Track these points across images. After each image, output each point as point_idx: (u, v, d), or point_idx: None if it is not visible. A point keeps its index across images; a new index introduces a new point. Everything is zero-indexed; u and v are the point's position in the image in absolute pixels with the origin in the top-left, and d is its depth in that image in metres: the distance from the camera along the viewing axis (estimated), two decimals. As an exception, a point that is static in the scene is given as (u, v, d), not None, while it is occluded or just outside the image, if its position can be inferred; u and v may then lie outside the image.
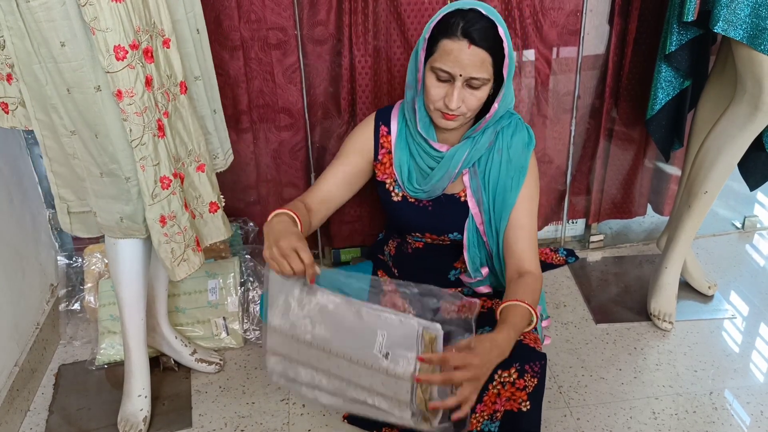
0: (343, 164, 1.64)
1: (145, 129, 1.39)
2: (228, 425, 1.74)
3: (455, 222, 1.65)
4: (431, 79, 1.46)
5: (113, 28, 1.29)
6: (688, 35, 1.79)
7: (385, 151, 1.64)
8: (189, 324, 1.98)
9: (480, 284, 1.72)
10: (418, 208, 1.65)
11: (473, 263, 1.68)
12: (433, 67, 1.44)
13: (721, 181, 1.85)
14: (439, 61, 1.43)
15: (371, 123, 1.65)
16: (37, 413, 1.79)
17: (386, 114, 1.65)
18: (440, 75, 1.44)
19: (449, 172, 1.58)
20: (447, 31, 1.42)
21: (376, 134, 1.64)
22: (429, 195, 1.63)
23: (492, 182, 1.59)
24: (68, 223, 1.61)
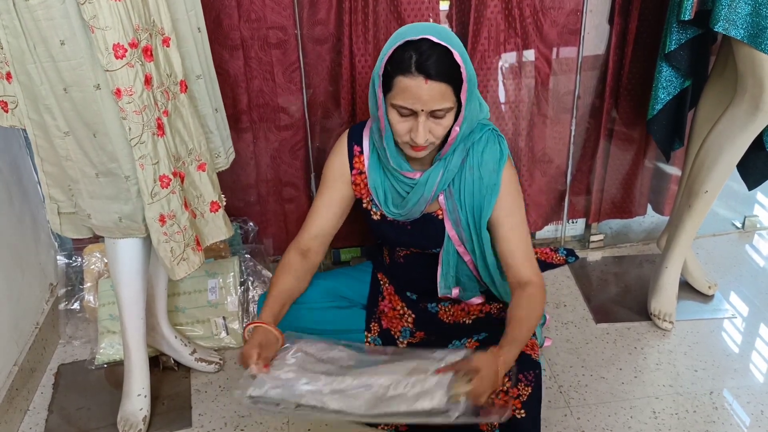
0: (328, 195, 1.64)
1: (145, 128, 1.38)
2: (228, 425, 1.73)
3: (436, 239, 1.63)
4: (394, 115, 1.42)
5: (112, 26, 1.29)
6: (687, 34, 1.79)
7: (357, 172, 1.61)
8: (189, 323, 1.98)
9: (470, 296, 1.72)
10: (398, 226, 1.63)
11: (445, 281, 1.68)
12: (394, 104, 1.40)
13: (722, 181, 1.84)
14: (399, 99, 1.38)
15: (344, 145, 1.62)
16: (37, 413, 1.79)
17: (358, 133, 1.61)
18: (402, 111, 1.40)
19: (424, 196, 1.55)
20: (401, 68, 1.35)
21: (350, 156, 1.61)
22: (407, 217, 1.61)
23: (467, 201, 1.55)
24: (58, 224, 1.61)
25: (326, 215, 1.63)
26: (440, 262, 1.65)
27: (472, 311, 1.74)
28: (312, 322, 1.67)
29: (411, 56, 1.35)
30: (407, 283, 1.77)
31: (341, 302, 1.73)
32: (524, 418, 1.44)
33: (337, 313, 1.71)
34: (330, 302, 1.71)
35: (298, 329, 1.66)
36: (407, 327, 1.74)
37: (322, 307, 1.69)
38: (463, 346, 1.58)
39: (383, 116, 1.44)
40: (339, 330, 1.69)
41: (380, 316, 1.73)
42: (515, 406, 1.44)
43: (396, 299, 1.77)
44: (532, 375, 1.46)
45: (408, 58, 1.35)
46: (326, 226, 1.64)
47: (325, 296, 1.71)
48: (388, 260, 1.79)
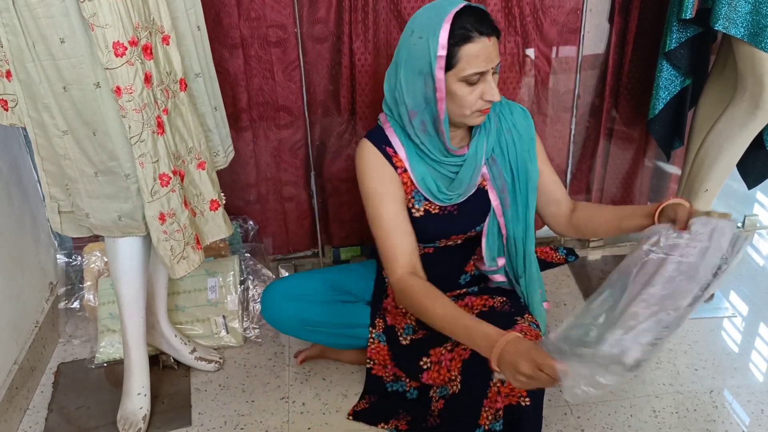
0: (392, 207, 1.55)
1: (144, 126, 1.38)
2: (228, 423, 1.73)
3: (481, 215, 1.65)
4: (462, 88, 1.42)
5: (112, 24, 1.29)
6: (687, 33, 1.79)
7: (402, 170, 1.57)
8: (188, 322, 1.98)
9: (495, 273, 1.72)
10: (442, 216, 1.61)
11: (490, 252, 1.68)
12: (465, 77, 1.40)
13: (722, 180, 1.84)
14: (469, 68, 1.39)
15: (375, 151, 1.56)
16: (37, 411, 1.79)
17: (380, 136, 1.57)
18: (472, 79, 1.41)
19: (477, 166, 1.57)
20: (464, 38, 1.38)
21: (388, 159, 1.56)
22: (463, 196, 1.61)
23: (512, 160, 1.60)
24: (58, 223, 1.61)
25: (405, 227, 1.56)
26: (485, 234, 1.65)
27: (476, 306, 1.74)
28: (317, 314, 1.68)
29: (467, 24, 1.38)
30: None
31: (346, 296, 1.74)
32: (529, 406, 1.45)
33: (342, 307, 1.72)
34: (335, 296, 1.72)
35: (303, 321, 1.68)
36: (410, 324, 1.74)
37: (327, 300, 1.70)
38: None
39: (443, 99, 1.43)
40: (343, 323, 1.70)
41: (384, 313, 1.73)
42: (521, 394, 1.45)
43: None
44: None
45: (466, 26, 1.38)
46: (411, 238, 1.56)
47: (330, 289, 1.72)
48: None
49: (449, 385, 1.59)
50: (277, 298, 1.71)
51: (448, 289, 1.75)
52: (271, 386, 1.85)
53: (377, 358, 1.73)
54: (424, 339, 1.69)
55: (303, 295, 1.69)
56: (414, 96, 1.46)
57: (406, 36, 1.46)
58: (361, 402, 1.75)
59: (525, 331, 1.57)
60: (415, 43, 1.42)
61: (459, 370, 1.55)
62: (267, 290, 1.73)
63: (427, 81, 1.43)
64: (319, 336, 1.75)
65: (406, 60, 1.44)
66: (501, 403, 1.47)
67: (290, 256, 2.34)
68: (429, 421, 1.64)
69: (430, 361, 1.63)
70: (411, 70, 1.44)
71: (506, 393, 1.46)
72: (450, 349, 1.60)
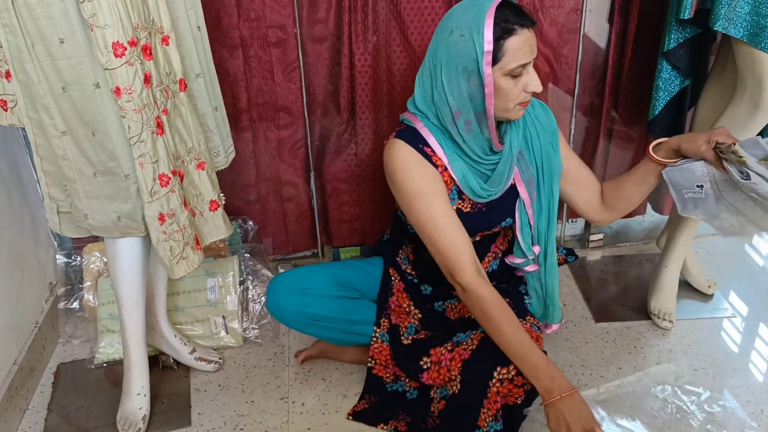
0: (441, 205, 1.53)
1: (144, 126, 1.38)
2: (227, 424, 1.73)
3: (507, 210, 1.66)
4: (506, 82, 1.42)
5: (112, 24, 1.29)
6: (686, 33, 1.79)
7: (442, 169, 1.56)
8: (188, 323, 1.98)
9: (527, 264, 1.73)
10: (472, 214, 1.61)
11: (527, 242, 1.69)
12: (510, 70, 1.41)
13: (722, 180, 1.84)
14: (513, 61, 1.40)
15: (412, 151, 1.53)
16: (36, 412, 1.79)
17: (413, 135, 1.55)
18: (516, 72, 1.42)
19: (513, 161, 1.59)
20: (507, 31, 1.38)
21: (427, 158, 1.55)
22: (501, 191, 1.62)
23: (537, 154, 1.62)
24: (57, 223, 1.60)
25: (459, 223, 1.55)
26: (518, 227, 1.66)
27: None
28: (322, 309, 1.68)
29: (509, 17, 1.39)
30: (431, 277, 1.77)
31: (352, 293, 1.74)
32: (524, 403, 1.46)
33: (348, 303, 1.72)
34: (341, 291, 1.72)
35: (309, 316, 1.68)
36: (413, 324, 1.74)
37: (333, 295, 1.70)
38: (469, 338, 1.59)
39: (491, 94, 1.43)
40: (348, 320, 1.70)
41: (389, 313, 1.73)
42: (518, 395, 1.45)
43: (404, 296, 1.77)
44: None
45: (508, 19, 1.39)
46: (466, 233, 1.55)
47: (336, 285, 1.72)
48: (413, 256, 1.78)
49: (449, 386, 1.59)
50: (282, 291, 1.70)
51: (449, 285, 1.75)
52: (271, 386, 1.85)
53: (379, 358, 1.73)
54: (425, 339, 1.69)
55: (308, 289, 1.69)
56: (459, 95, 1.45)
57: (443, 36, 1.44)
58: (361, 402, 1.75)
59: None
60: (457, 42, 1.41)
61: (459, 370, 1.56)
62: (272, 283, 1.73)
63: (472, 78, 1.42)
64: (322, 331, 1.74)
65: (448, 59, 1.43)
66: (500, 403, 1.48)
67: (290, 256, 2.34)
68: (429, 422, 1.64)
69: (430, 361, 1.63)
70: (454, 69, 1.43)
71: (504, 393, 1.47)
72: (450, 349, 1.60)
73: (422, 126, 1.55)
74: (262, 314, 2.06)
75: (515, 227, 1.67)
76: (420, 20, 1.94)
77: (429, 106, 1.52)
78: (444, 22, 1.46)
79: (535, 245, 1.71)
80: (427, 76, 1.50)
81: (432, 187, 1.53)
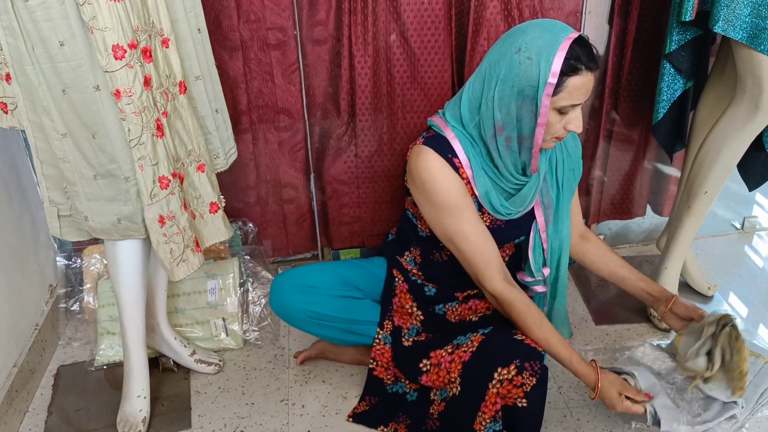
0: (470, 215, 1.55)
1: (144, 129, 1.39)
2: (227, 426, 1.73)
3: (524, 228, 1.68)
4: (554, 116, 1.43)
5: (112, 27, 1.29)
6: (687, 35, 1.79)
7: (466, 182, 1.56)
8: (188, 325, 1.98)
9: (536, 284, 1.74)
10: (491, 229, 1.61)
11: (537, 264, 1.70)
12: (562, 106, 1.42)
13: (721, 182, 1.84)
14: (569, 99, 1.41)
15: (442, 161, 1.53)
16: (36, 414, 1.79)
17: (443, 145, 1.54)
18: (566, 110, 1.42)
19: (539, 184, 1.61)
20: (574, 69, 1.38)
21: (455, 170, 1.54)
22: (521, 213, 1.63)
23: (560, 180, 1.65)
24: (57, 227, 1.60)
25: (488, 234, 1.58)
26: (531, 248, 1.68)
27: (479, 309, 1.75)
28: (326, 308, 1.68)
29: (581, 57, 1.39)
30: (439, 280, 1.78)
31: (356, 292, 1.74)
32: (526, 407, 1.45)
33: (352, 303, 1.72)
34: (345, 291, 1.72)
35: (312, 314, 1.68)
36: (415, 325, 1.74)
37: (337, 294, 1.70)
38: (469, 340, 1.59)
39: (544, 125, 1.43)
40: (352, 319, 1.70)
41: (392, 315, 1.73)
42: (517, 395, 1.45)
43: (407, 297, 1.77)
44: (538, 366, 1.47)
45: (581, 58, 1.39)
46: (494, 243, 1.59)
47: (340, 284, 1.72)
48: (420, 259, 1.78)
49: (449, 387, 1.59)
50: (287, 288, 1.70)
51: (466, 287, 1.77)
52: (271, 389, 1.85)
53: (381, 359, 1.73)
54: (425, 341, 1.69)
55: (313, 288, 1.69)
56: (507, 113, 1.45)
57: (509, 50, 1.43)
58: (361, 404, 1.75)
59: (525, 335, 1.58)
60: (522, 62, 1.40)
61: (459, 372, 1.56)
62: (276, 280, 1.72)
63: (526, 102, 1.42)
64: (324, 330, 1.74)
65: (506, 77, 1.42)
66: (499, 404, 1.48)
67: (290, 258, 2.34)
68: (428, 424, 1.64)
69: (429, 364, 1.63)
70: (510, 87, 1.43)
71: (504, 394, 1.47)
72: (450, 352, 1.60)
73: (453, 136, 1.54)
74: (262, 316, 2.06)
75: (528, 248, 1.68)
76: (420, 22, 1.94)
77: (473, 114, 1.52)
78: (514, 35, 1.44)
79: (545, 267, 1.72)
80: (479, 83, 1.49)
81: (462, 200, 1.54)
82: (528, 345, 1.52)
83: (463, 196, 1.54)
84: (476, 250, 1.56)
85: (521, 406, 1.46)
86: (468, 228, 1.55)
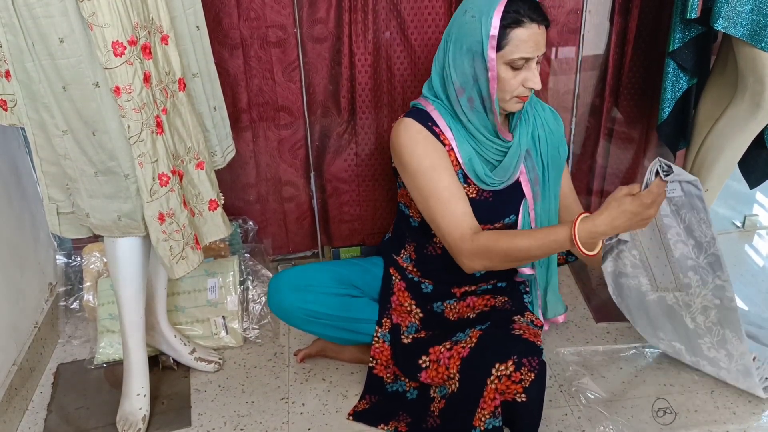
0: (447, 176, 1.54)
1: (144, 126, 1.38)
2: (227, 424, 1.73)
3: (513, 205, 1.67)
4: (506, 71, 1.46)
5: (111, 23, 1.29)
6: (691, 33, 1.78)
7: (449, 148, 1.58)
8: (188, 323, 1.98)
9: (524, 266, 1.73)
10: (477, 202, 1.61)
11: None
12: (511, 60, 1.45)
13: (723, 179, 1.84)
14: (518, 51, 1.44)
15: (421, 128, 1.56)
16: (36, 412, 1.79)
17: (422, 115, 1.58)
18: (517, 64, 1.45)
19: (521, 155, 1.61)
20: (516, 21, 1.44)
21: (435, 136, 1.56)
22: (506, 183, 1.63)
23: (544, 157, 1.65)
24: (57, 225, 1.60)
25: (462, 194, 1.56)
26: (520, 225, 1.68)
27: (477, 306, 1.74)
28: (324, 307, 1.68)
29: (521, 9, 1.42)
30: (435, 275, 1.78)
31: (353, 291, 1.74)
32: (526, 402, 1.46)
33: (350, 301, 1.72)
34: (343, 289, 1.72)
35: (310, 312, 1.68)
36: (414, 323, 1.74)
37: (334, 293, 1.70)
38: (468, 336, 1.59)
39: (495, 78, 1.46)
40: (349, 318, 1.70)
41: (391, 312, 1.73)
42: (517, 391, 1.45)
43: (405, 295, 1.77)
44: (536, 361, 1.47)
45: (520, 10, 1.43)
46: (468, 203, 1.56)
47: (337, 282, 1.72)
48: (415, 255, 1.78)
49: (448, 384, 1.59)
50: (284, 287, 1.70)
51: (462, 282, 1.77)
52: (271, 387, 1.85)
53: (380, 357, 1.72)
54: (425, 338, 1.69)
55: (310, 286, 1.69)
56: (462, 73, 1.50)
57: (458, 15, 1.50)
58: (362, 402, 1.75)
59: (523, 330, 1.57)
60: (468, 22, 1.46)
61: (457, 368, 1.56)
62: (274, 280, 1.72)
63: (477, 60, 1.47)
64: (322, 329, 1.73)
65: (457, 38, 1.48)
66: (498, 399, 1.48)
67: (290, 256, 2.34)
68: (429, 422, 1.64)
69: (429, 360, 1.62)
70: (460, 48, 1.48)
71: (503, 390, 1.47)
72: (449, 348, 1.60)
73: (432, 108, 1.59)
74: (262, 314, 2.05)
75: (518, 227, 1.68)
76: (420, 20, 1.94)
77: (441, 87, 1.57)
78: (463, 3, 1.51)
79: None
80: (440, 55, 1.55)
81: (438, 161, 1.55)
82: (526, 340, 1.52)
83: (440, 158, 1.56)
84: (446, 208, 1.53)
85: (520, 402, 1.46)
86: (441, 188, 1.54)
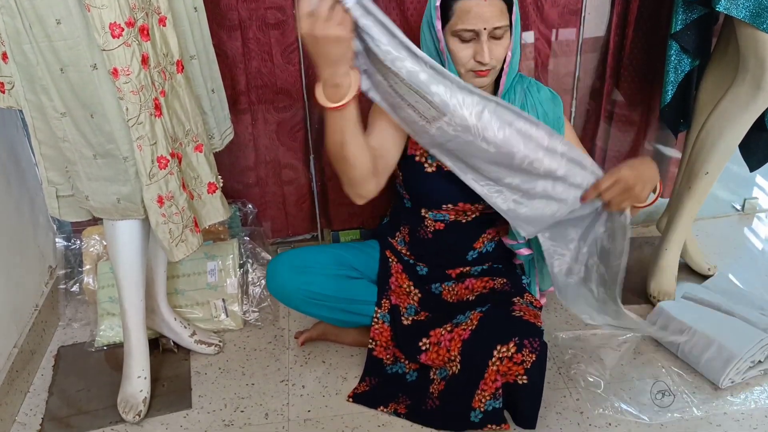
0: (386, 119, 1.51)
1: (142, 108, 1.38)
2: (228, 406, 1.74)
3: None
4: (455, 43, 1.47)
5: (108, 5, 1.28)
6: (693, 14, 1.77)
7: None
8: (188, 306, 1.98)
9: (520, 246, 1.73)
10: (453, 176, 1.58)
11: None
12: (456, 31, 1.45)
13: (723, 162, 1.84)
14: (461, 23, 1.44)
15: None
16: (37, 395, 1.80)
17: None
18: (464, 36, 1.45)
19: None
20: None
21: None
22: None
23: None
24: (56, 208, 1.60)
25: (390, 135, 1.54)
26: None
27: (476, 288, 1.75)
28: (323, 287, 1.68)
29: None
30: (427, 259, 1.78)
31: (352, 272, 1.74)
32: (526, 383, 1.46)
33: (348, 282, 1.72)
34: (341, 271, 1.73)
35: (309, 294, 1.68)
36: (413, 305, 1.74)
37: (333, 274, 1.71)
38: (468, 318, 1.59)
39: (444, 50, 1.48)
40: (348, 299, 1.71)
41: (390, 293, 1.73)
42: (518, 372, 1.46)
43: (403, 277, 1.77)
44: (537, 342, 1.49)
45: None
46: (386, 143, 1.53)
47: (336, 264, 1.72)
48: (408, 238, 1.78)
49: (448, 366, 1.59)
50: (283, 269, 1.70)
51: (455, 264, 1.77)
52: (271, 369, 1.86)
53: (380, 339, 1.73)
54: (425, 320, 1.70)
55: (308, 267, 1.69)
56: (426, 47, 1.54)
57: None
58: (362, 384, 1.76)
59: (524, 311, 1.58)
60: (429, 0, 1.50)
61: (458, 351, 1.56)
62: (273, 262, 1.72)
63: (432, 32, 1.49)
64: (322, 310, 1.74)
65: (424, 13, 1.52)
66: (500, 381, 1.49)
67: (289, 239, 2.34)
68: (428, 403, 1.65)
69: (429, 342, 1.63)
70: (424, 23, 1.52)
71: (504, 372, 1.48)
72: (449, 330, 1.61)
73: None
74: (262, 297, 2.06)
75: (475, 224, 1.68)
76: (420, 2, 1.92)
77: None
78: None
79: None
80: None
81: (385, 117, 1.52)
82: (527, 322, 1.52)
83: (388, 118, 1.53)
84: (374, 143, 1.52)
85: (521, 383, 1.47)
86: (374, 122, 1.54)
